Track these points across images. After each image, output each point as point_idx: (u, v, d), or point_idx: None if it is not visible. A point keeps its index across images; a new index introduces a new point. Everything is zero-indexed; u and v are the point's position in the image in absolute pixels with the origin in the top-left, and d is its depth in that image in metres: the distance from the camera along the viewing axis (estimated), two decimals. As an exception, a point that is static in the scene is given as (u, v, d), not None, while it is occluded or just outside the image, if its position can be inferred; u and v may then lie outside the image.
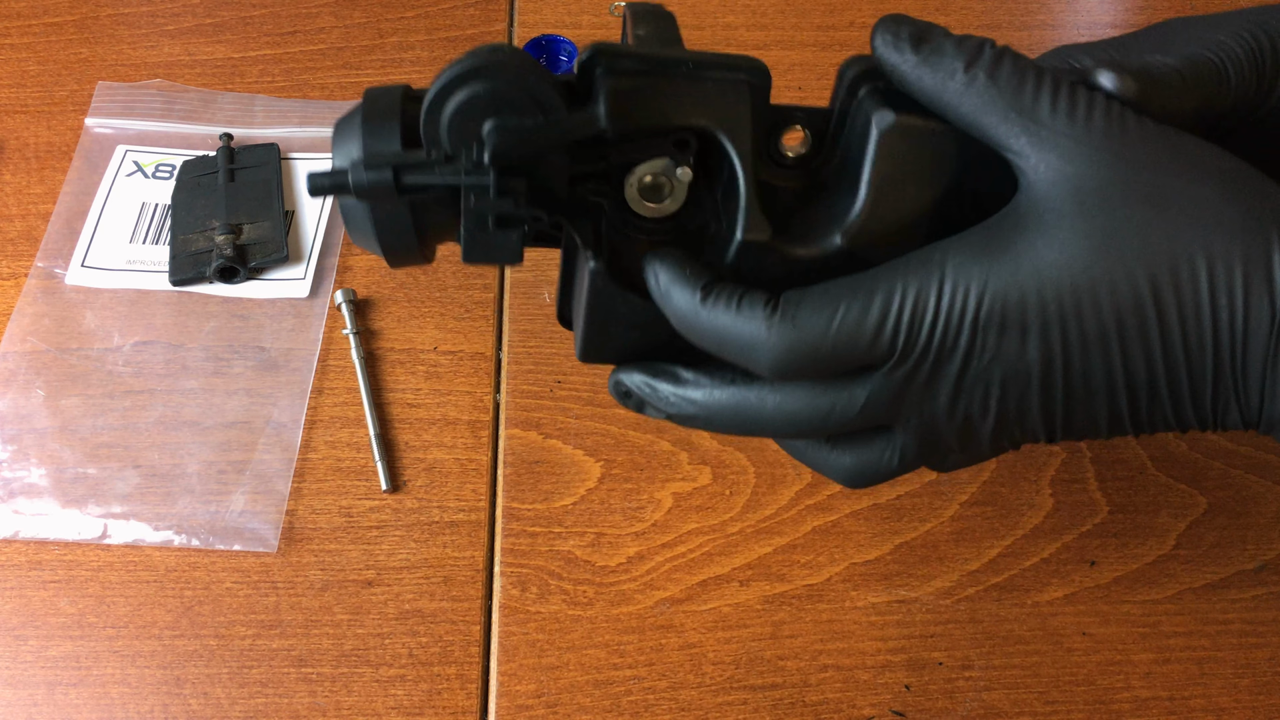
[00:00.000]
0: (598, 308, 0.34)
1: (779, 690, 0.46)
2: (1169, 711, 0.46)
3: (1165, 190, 0.29)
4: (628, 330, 0.34)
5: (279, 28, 0.70)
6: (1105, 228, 0.29)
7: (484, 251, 0.32)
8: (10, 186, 0.62)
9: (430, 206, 0.33)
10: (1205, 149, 0.30)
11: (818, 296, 0.31)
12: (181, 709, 0.45)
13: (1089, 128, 0.29)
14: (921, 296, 0.30)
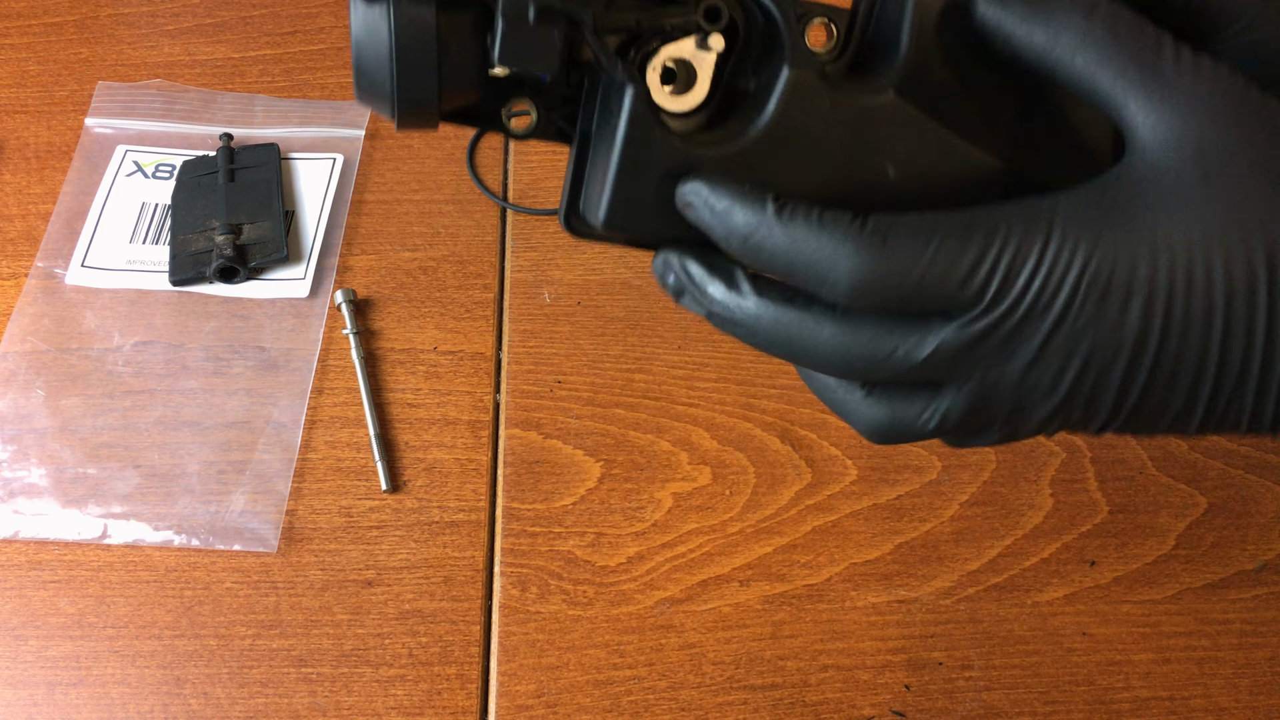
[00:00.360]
0: (632, 148, 0.31)
1: (779, 690, 0.46)
2: (1169, 711, 0.46)
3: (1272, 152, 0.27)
4: (660, 185, 0.31)
5: (279, 28, 0.70)
6: (1231, 198, 0.27)
7: (521, 51, 0.30)
8: (10, 186, 0.62)
9: (460, 20, 0.31)
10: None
11: (912, 222, 0.29)
12: (181, 709, 0.45)
13: (1215, 90, 0.28)
14: (1025, 245, 0.28)
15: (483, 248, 0.60)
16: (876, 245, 0.28)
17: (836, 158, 0.31)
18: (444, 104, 0.32)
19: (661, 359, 0.56)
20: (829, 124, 0.31)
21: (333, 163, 0.63)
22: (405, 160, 0.64)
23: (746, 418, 0.54)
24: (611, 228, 0.32)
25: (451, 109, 0.33)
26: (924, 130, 0.32)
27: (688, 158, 0.31)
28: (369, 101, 0.32)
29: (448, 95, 0.32)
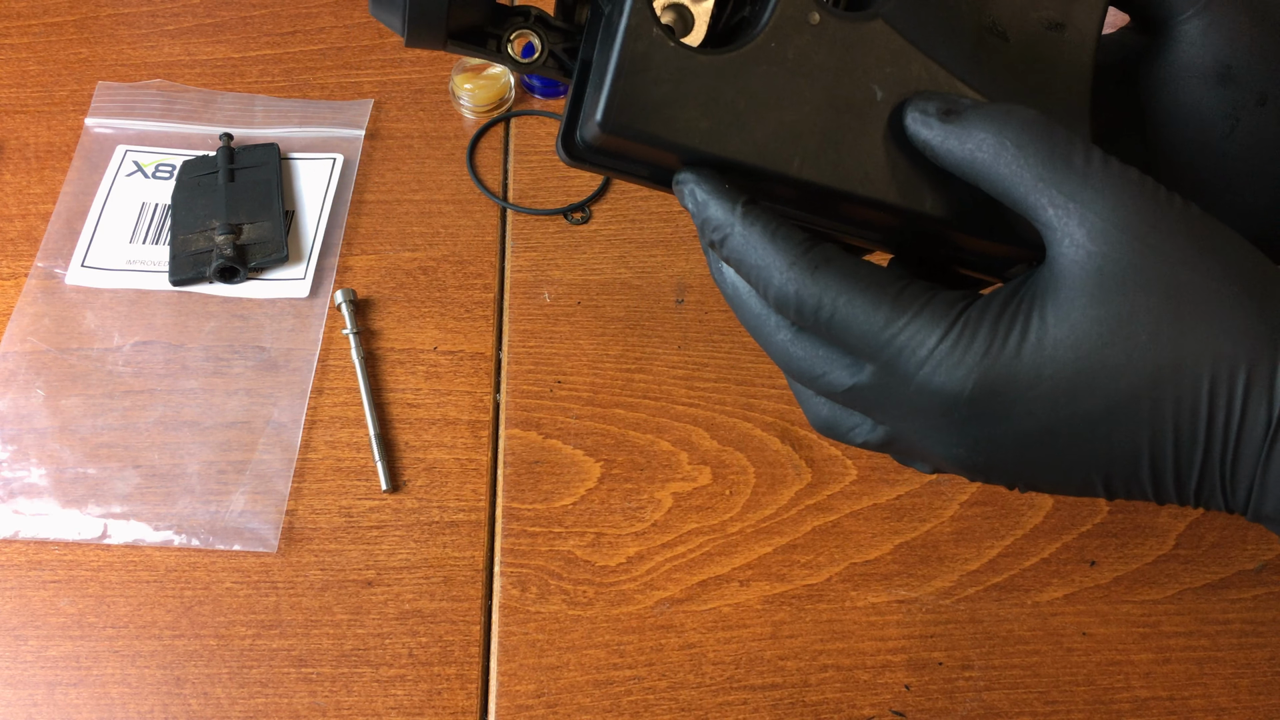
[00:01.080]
0: (630, 43, 0.32)
1: (779, 690, 0.46)
2: (1169, 711, 0.46)
3: (1185, 286, 0.29)
4: (658, 85, 0.32)
5: (279, 28, 0.70)
6: (1120, 315, 0.29)
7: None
8: (10, 186, 0.62)
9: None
10: (1231, 241, 0.30)
11: (848, 268, 0.31)
12: (181, 709, 0.45)
13: (1118, 207, 0.29)
14: (924, 334, 0.30)
15: (483, 248, 0.60)
16: (805, 273, 0.31)
17: (824, 74, 0.33)
18: (452, 20, 0.33)
19: (661, 359, 0.56)
20: (818, 41, 0.33)
21: (333, 163, 0.63)
22: (405, 160, 0.64)
23: (746, 418, 0.54)
24: (609, 127, 0.32)
25: (459, 27, 0.34)
26: (910, 58, 0.33)
27: (686, 60, 0.32)
28: (381, 13, 0.34)
29: (457, 9, 0.33)
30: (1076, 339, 0.29)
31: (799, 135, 0.33)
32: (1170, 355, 0.28)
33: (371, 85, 0.67)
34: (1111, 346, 0.29)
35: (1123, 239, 0.29)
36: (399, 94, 0.67)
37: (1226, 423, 0.29)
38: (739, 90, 0.33)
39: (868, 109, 0.33)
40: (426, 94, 0.67)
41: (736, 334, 0.57)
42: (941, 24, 0.35)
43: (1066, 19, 0.36)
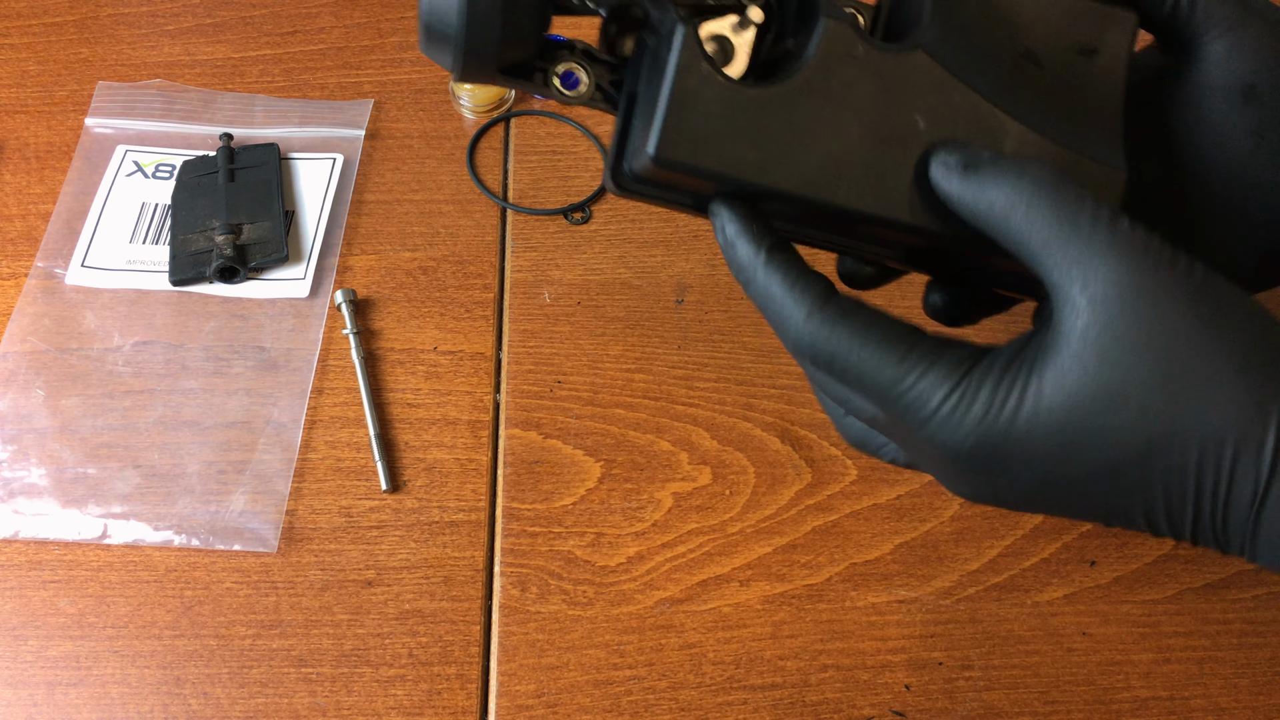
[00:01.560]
0: (681, 79, 0.33)
1: (779, 690, 0.46)
2: (1169, 711, 0.46)
3: (1180, 361, 0.29)
4: (708, 120, 0.33)
5: (279, 28, 0.70)
6: (1113, 386, 0.30)
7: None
8: (10, 186, 0.62)
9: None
10: (1233, 309, 0.30)
11: (860, 326, 0.32)
12: (181, 709, 0.45)
13: (1119, 278, 0.29)
14: (930, 391, 0.31)
15: (483, 248, 0.60)
16: (820, 327, 0.33)
17: (868, 104, 0.34)
18: (503, 55, 0.35)
19: (661, 359, 0.56)
20: (861, 73, 0.34)
21: (333, 163, 0.63)
22: (405, 160, 0.64)
23: (746, 418, 0.54)
24: (660, 160, 0.33)
25: (509, 62, 0.35)
26: (951, 88, 0.34)
27: (734, 94, 0.33)
28: (434, 49, 0.35)
29: (508, 44, 0.34)
30: (1070, 406, 0.30)
31: (843, 165, 0.34)
32: (1161, 427, 0.29)
33: (371, 85, 0.67)
34: (1104, 416, 0.30)
35: (1122, 311, 0.29)
36: (399, 94, 0.67)
37: (1214, 491, 0.30)
38: (785, 122, 0.34)
39: (910, 138, 0.34)
40: (426, 94, 0.67)
41: (736, 334, 0.57)
42: (979, 53, 0.35)
43: (1099, 44, 0.36)
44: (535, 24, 0.35)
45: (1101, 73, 0.36)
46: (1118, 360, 0.29)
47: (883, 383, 0.32)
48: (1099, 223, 0.30)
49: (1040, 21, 0.36)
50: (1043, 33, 0.36)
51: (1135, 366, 0.29)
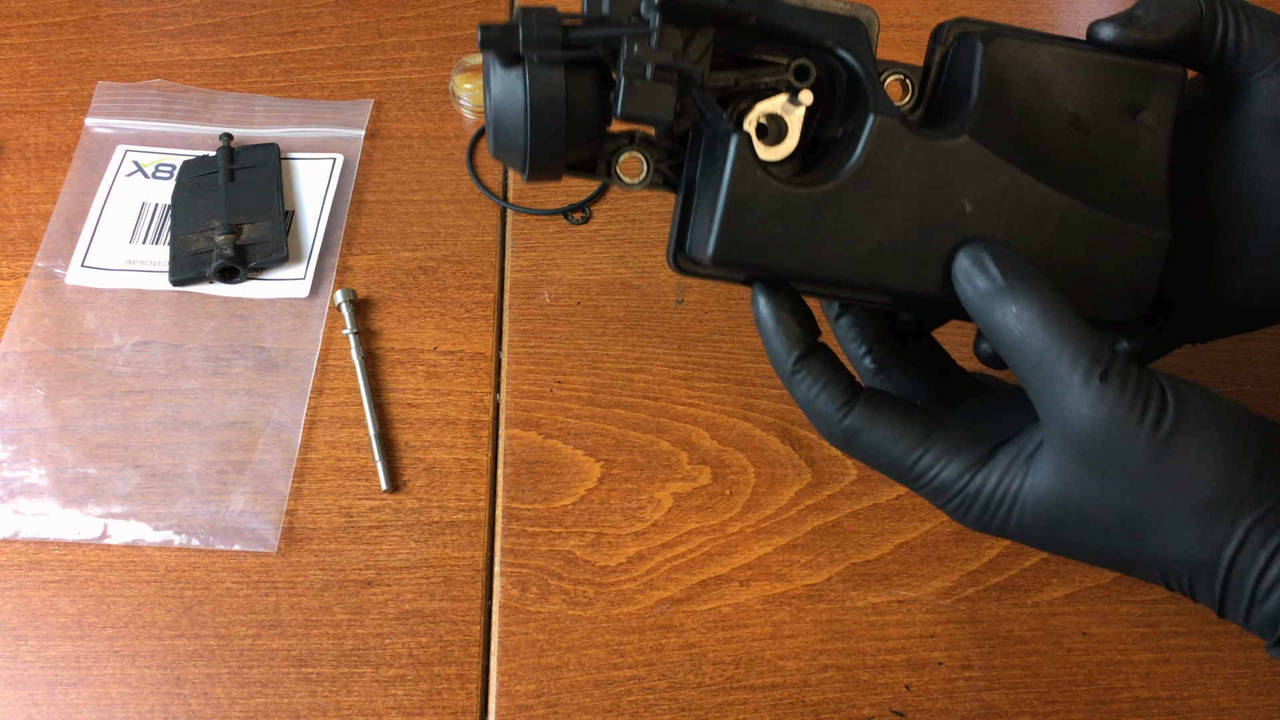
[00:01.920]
0: (735, 186, 0.35)
1: (779, 690, 0.46)
2: (1169, 711, 0.46)
3: (1140, 505, 0.33)
4: (763, 222, 0.35)
5: (279, 28, 0.70)
6: (1086, 514, 0.34)
7: (639, 101, 0.34)
8: (10, 186, 0.62)
9: (584, 80, 0.35)
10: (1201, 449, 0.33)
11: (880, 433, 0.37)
12: (181, 709, 0.45)
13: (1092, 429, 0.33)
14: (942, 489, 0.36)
15: (483, 248, 0.60)
16: (849, 436, 0.37)
17: (917, 193, 0.35)
18: (568, 160, 0.37)
19: (661, 359, 0.56)
20: (910, 164, 0.35)
21: (333, 163, 0.63)
22: (405, 160, 0.64)
23: (746, 418, 0.54)
24: (719, 262, 0.36)
25: (573, 161, 0.38)
26: (996, 169, 0.36)
27: (788, 196, 0.35)
28: (503, 155, 0.37)
29: (573, 148, 0.37)
30: (1051, 523, 0.35)
31: (891, 252, 0.36)
32: (1127, 553, 0.34)
33: (371, 85, 0.67)
34: (1079, 535, 0.35)
35: (1090, 462, 0.33)
36: (399, 94, 0.67)
37: (1185, 593, 0.35)
38: (836, 218, 0.35)
39: (958, 222, 0.36)
40: (426, 94, 0.67)
41: (736, 334, 0.57)
42: (1025, 128, 0.37)
43: (1145, 102, 0.38)
44: (597, 133, 0.37)
45: (1148, 131, 0.38)
46: (1084, 500, 0.34)
47: (901, 474, 0.37)
48: (1075, 375, 0.33)
49: (1086, 87, 0.37)
50: (1089, 97, 0.37)
51: (1100, 506, 0.34)
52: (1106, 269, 0.37)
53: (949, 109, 0.37)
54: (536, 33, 0.34)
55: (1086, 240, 0.36)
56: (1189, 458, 0.32)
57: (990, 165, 0.36)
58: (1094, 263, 0.37)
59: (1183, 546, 0.33)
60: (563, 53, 0.34)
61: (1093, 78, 0.37)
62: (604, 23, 0.34)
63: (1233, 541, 0.33)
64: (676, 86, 0.34)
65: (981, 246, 0.35)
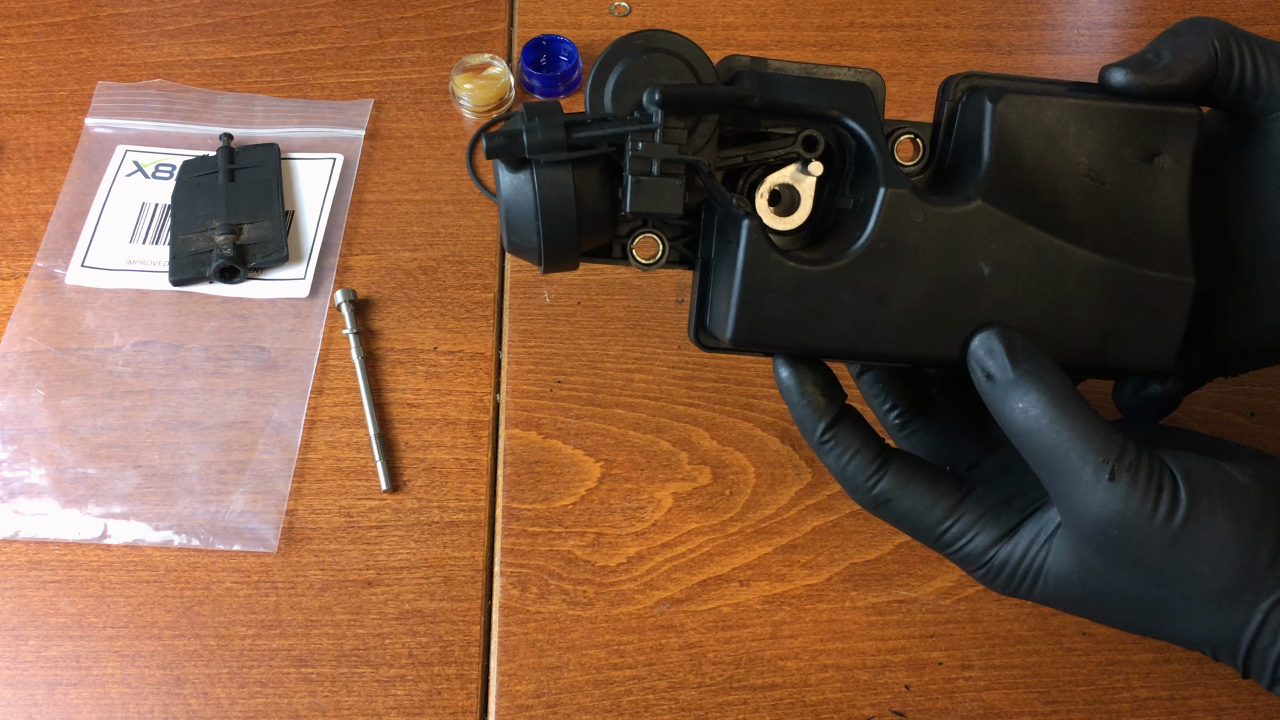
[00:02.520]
0: (749, 271, 0.35)
1: (779, 690, 0.46)
2: (1169, 711, 0.46)
3: (1156, 594, 0.34)
4: (779, 302, 0.35)
5: (279, 28, 0.70)
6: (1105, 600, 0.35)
7: (648, 198, 0.34)
8: (10, 186, 0.62)
9: (592, 176, 0.36)
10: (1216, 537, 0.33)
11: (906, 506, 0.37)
12: (181, 709, 0.45)
13: (1105, 525, 0.33)
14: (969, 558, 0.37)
15: (483, 248, 0.60)
16: (879, 503, 0.37)
17: (932, 261, 0.35)
18: (583, 246, 0.38)
19: (661, 359, 0.56)
20: (923, 234, 0.35)
21: (333, 163, 0.63)
22: (405, 160, 0.64)
23: (746, 418, 0.54)
24: (738, 342, 0.36)
25: (588, 249, 0.39)
26: (1012, 230, 0.36)
27: (802, 275, 0.35)
28: (518, 252, 0.38)
29: (586, 239, 0.37)
30: (1072, 599, 0.36)
31: (913, 321, 0.36)
32: (1149, 631, 0.35)
33: (371, 85, 0.67)
34: (1101, 614, 0.36)
35: (1103, 555, 0.34)
36: (399, 94, 0.67)
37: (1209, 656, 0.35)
38: (853, 292, 0.35)
39: (975, 285, 0.36)
40: (426, 94, 0.67)
41: (736, 334, 0.57)
42: (1037, 187, 0.36)
43: (1161, 145, 0.37)
44: (609, 223, 0.37)
45: (1166, 176, 0.37)
46: (1103, 585, 0.34)
47: (930, 541, 0.37)
48: (1085, 471, 0.33)
49: (1099, 137, 0.37)
50: (1102, 147, 0.37)
51: (1118, 592, 0.34)
52: (1132, 319, 0.37)
53: (960, 168, 0.37)
54: (541, 137, 0.34)
55: (1109, 292, 0.36)
56: (1204, 550, 0.32)
57: (1005, 227, 0.35)
58: (1119, 314, 0.36)
59: (1203, 629, 0.34)
60: (569, 155, 0.35)
61: (1105, 127, 0.37)
62: (607, 120, 0.35)
63: (1252, 624, 0.33)
64: (684, 179, 0.34)
65: (994, 334, 0.35)
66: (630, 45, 0.36)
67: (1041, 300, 0.36)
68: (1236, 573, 0.32)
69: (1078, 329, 0.36)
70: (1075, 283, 0.36)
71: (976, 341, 0.35)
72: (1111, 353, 0.37)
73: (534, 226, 0.36)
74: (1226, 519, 0.33)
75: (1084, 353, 0.37)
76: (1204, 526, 0.32)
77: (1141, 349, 0.37)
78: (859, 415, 0.38)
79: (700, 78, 0.36)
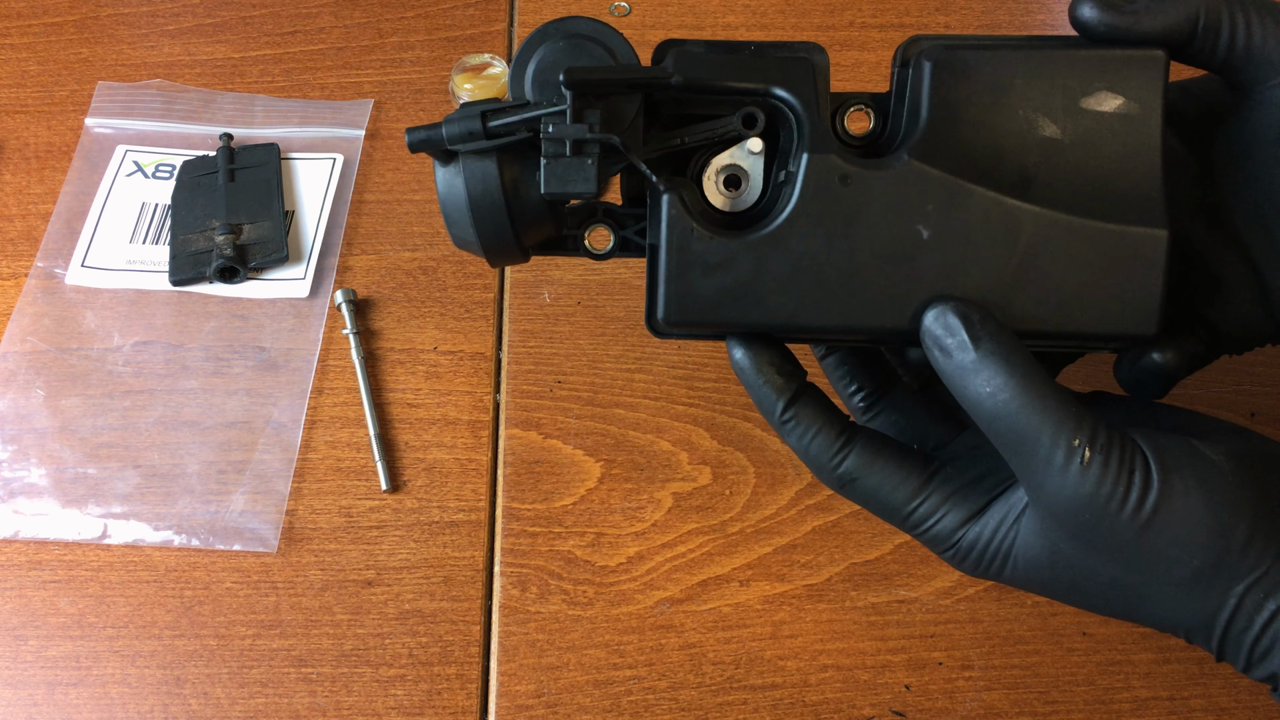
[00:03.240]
0: (672, 246, 0.34)
1: (779, 690, 0.46)
2: (1169, 711, 0.46)
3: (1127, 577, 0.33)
4: (707, 277, 0.35)
5: (279, 28, 0.70)
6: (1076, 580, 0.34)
7: (561, 178, 0.34)
8: (10, 186, 0.62)
9: (519, 166, 0.36)
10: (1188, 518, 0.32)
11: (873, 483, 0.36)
12: (181, 709, 0.45)
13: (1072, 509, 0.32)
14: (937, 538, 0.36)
15: (483, 248, 0.60)
16: (844, 483, 0.36)
17: (865, 227, 0.34)
18: (524, 238, 0.37)
19: (661, 359, 0.56)
20: (853, 197, 0.34)
21: (333, 163, 0.63)
22: (405, 160, 0.64)
23: (746, 418, 0.54)
24: (672, 322, 0.35)
25: (536, 242, 0.38)
26: (951, 189, 0.34)
27: (728, 248, 0.34)
28: (463, 245, 0.38)
29: (524, 230, 0.37)
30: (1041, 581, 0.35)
31: (853, 291, 0.34)
32: (1120, 613, 0.34)
33: (371, 85, 0.67)
34: (1071, 596, 0.35)
35: (1073, 537, 0.32)
36: (399, 94, 0.67)
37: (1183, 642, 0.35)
38: (783, 261, 0.34)
39: (916, 250, 0.34)
40: (426, 94, 0.67)
41: (736, 334, 0.57)
42: (980, 145, 0.34)
43: (1125, 92, 0.35)
44: (550, 213, 0.37)
45: (1132, 123, 0.35)
46: (1072, 568, 0.33)
47: (898, 521, 0.36)
48: (1056, 453, 0.31)
49: (1052, 88, 0.35)
50: (1058, 98, 0.35)
51: (1088, 575, 0.33)
52: (1102, 279, 0.34)
53: (907, 134, 0.35)
54: (458, 128, 0.35)
55: (1070, 251, 0.34)
56: (1176, 533, 0.31)
57: (941, 186, 0.34)
58: (1085, 274, 0.34)
59: (1176, 613, 0.33)
60: (487, 142, 0.35)
61: (1058, 76, 0.35)
62: (523, 107, 0.35)
63: (1226, 608, 0.32)
64: (598, 159, 0.34)
65: (950, 308, 0.33)
66: (546, 34, 0.35)
67: (992, 263, 0.34)
68: (1210, 556, 0.32)
69: (1039, 293, 0.34)
70: (1029, 242, 0.34)
71: (930, 317, 0.33)
72: (1084, 318, 0.34)
73: (468, 219, 0.36)
74: (1199, 500, 0.31)
75: (1052, 319, 0.34)
76: (1176, 509, 0.31)
77: (1118, 312, 0.34)
78: (820, 392, 0.36)
79: (618, 60, 0.35)
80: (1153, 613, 0.33)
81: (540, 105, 0.34)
